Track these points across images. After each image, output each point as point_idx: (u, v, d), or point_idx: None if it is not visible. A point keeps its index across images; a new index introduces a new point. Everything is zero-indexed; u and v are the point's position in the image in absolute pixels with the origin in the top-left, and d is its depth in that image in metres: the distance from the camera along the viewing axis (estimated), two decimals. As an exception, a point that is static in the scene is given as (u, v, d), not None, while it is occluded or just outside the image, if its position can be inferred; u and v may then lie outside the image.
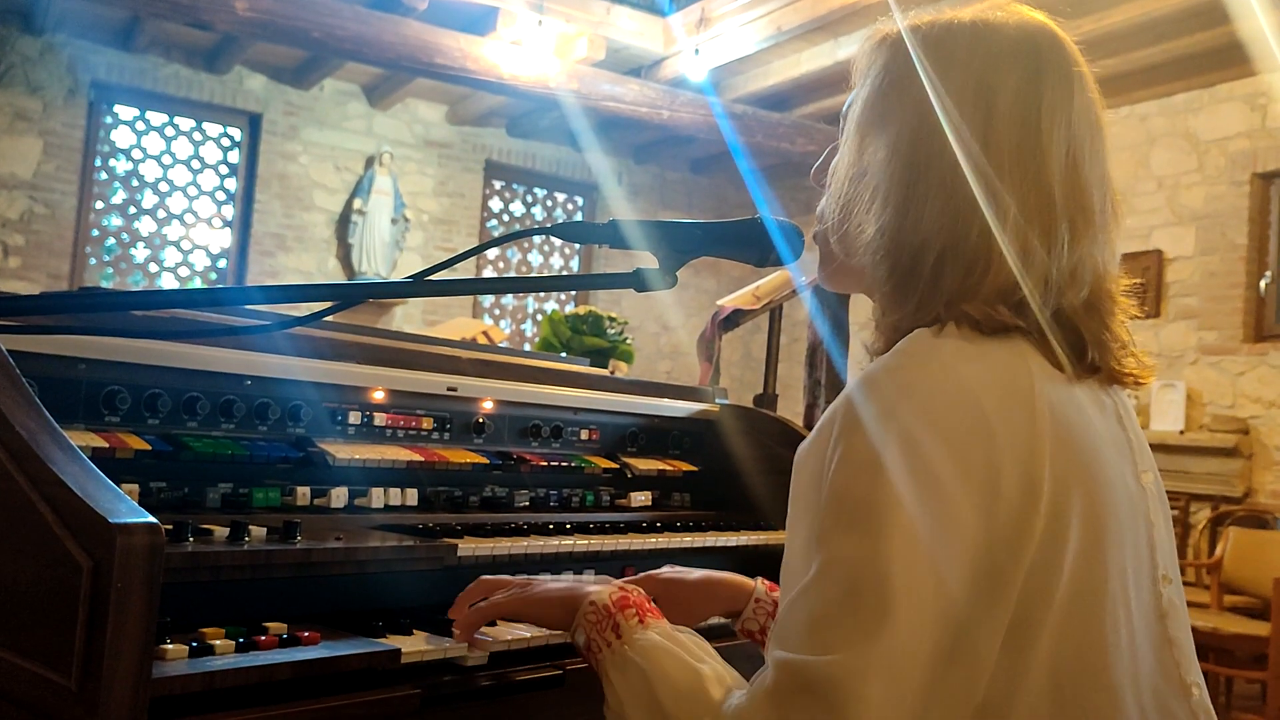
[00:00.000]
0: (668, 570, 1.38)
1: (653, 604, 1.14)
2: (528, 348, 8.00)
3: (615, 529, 1.69)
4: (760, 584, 1.38)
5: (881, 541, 0.89)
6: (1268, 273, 6.38)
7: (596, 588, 1.15)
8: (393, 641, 1.18)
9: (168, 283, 7.94)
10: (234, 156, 8.19)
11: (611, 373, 2.57)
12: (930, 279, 1.01)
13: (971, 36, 1.04)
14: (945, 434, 0.91)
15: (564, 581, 1.23)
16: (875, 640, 0.87)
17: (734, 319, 2.81)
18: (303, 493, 1.48)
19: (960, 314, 0.99)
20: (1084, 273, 1.01)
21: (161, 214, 7.95)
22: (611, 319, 3.44)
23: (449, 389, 1.72)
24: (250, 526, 1.24)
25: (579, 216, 9.61)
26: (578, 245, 9.28)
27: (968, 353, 0.96)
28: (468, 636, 1.23)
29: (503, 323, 9.11)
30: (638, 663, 1.04)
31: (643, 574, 1.39)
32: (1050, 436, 0.94)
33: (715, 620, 1.42)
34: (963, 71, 1.02)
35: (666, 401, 2.11)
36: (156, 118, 7.93)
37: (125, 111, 7.83)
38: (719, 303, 2.88)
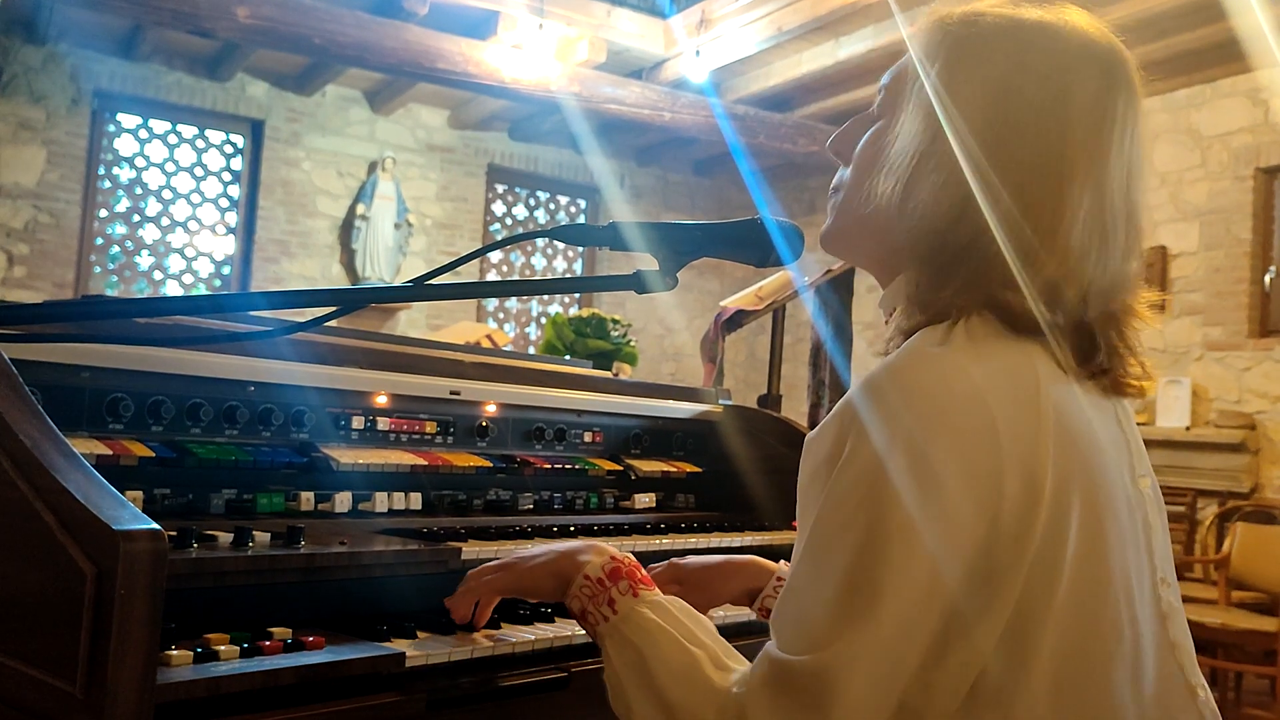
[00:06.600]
0: (691, 559, 1.42)
1: (644, 572, 1.15)
2: (532, 351, 8.01)
3: (619, 531, 1.69)
4: (784, 565, 1.41)
5: (878, 541, 0.90)
6: (1272, 267, 6.36)
7: (586, 556, 1.16)
8: (397, 645, 1.19)
9: (172, 290, 7.96)
10: (237, 163, 8.21)
11: (615, 375, 2.57)
12: (978, 265, 1.00)
13: (1043, 33, 1.04)
14: (950, 436, 0.91)
15: (541, 549, 1.24)
16: (860, 633, 0.89)
17: (737, 320, 2.81)
18: (306, 498, 1.48)
19: (992, 302, 0.98)
20: (1125, 282, 1.03)
21: (165, 221, 7.97)
22: (615, 321, 3.45)
23: (452, 393, 1.72)
24: (254, 532, 1.25)
25: (582, 219, 9.62)
26: (580, 248, 9.30)
27: (976, 353, 0.96)
28: (466, 613, 1.26)
29: (507, 326, 9.11)
30: (635, 644, 1.06)
31: (666, 562, 1.42)
32: (1054, 438, 0.94)
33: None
34: (1042, 63, 1.02)
35: (670, 403, 2.11)
36: (159, 125, 7.95)
37: (128, 119, 7.85)
38: (722, 304, 2.88)
